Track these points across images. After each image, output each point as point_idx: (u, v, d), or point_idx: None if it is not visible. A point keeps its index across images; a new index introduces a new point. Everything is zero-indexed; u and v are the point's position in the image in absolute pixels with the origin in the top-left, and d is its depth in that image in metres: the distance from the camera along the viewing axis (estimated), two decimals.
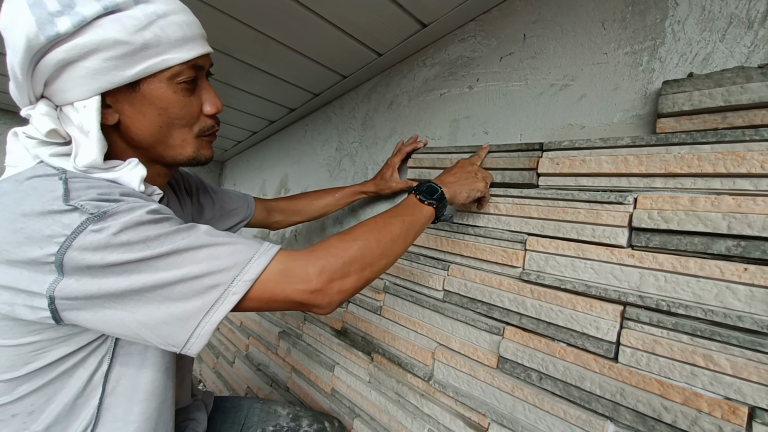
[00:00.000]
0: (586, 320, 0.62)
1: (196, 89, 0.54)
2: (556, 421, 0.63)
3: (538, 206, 0.71)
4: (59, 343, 0.47)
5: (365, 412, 0.97)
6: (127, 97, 0.49)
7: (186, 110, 0.53)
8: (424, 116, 1.04)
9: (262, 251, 0.47)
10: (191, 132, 0.56)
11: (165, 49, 0.48)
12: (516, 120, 0.83)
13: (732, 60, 0.55)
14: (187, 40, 0.50)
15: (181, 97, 0.52)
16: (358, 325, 1.05)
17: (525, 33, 0.82)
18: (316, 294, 0.49)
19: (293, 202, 1.05)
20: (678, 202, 0.55)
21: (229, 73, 1.27)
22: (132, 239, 0.42)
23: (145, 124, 0.52)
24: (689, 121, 0.56)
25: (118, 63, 0.45)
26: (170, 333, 0.44)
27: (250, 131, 1.84)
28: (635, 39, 0.66)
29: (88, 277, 0.41)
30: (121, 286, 0.42)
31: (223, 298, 0.44)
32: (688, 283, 0.54)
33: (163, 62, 0.48)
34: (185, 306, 0.43)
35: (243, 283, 0.45)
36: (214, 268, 0.44)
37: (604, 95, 0.69)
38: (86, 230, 0.40)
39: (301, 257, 0.49)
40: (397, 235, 0.59)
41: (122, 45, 0.45)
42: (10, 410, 0.48)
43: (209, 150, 0.59)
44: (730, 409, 0.48)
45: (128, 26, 0.45)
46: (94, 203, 0.42)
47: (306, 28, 0.99)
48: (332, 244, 0.52)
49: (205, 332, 0.44)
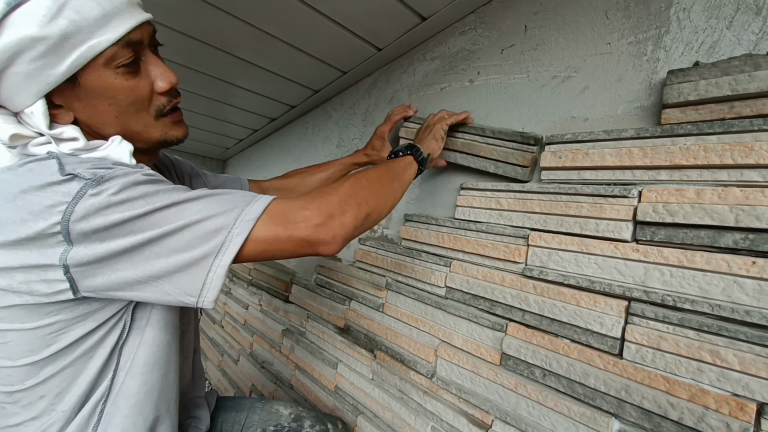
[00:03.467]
0: (590, 316, 0.61)
1: (140, 68, 0.51)
2: (560, 418, 0.63)
3: (540, 201, 0.70)
4: (77, 323, 0.48)
5: (369, 410, 0.97)
6: (72, 93, 0.47)
7: (135, 94, 0.50)
8: (424, 111, 1.02)
9: (259, 197, 0.49)
10: (150, 115, 0.53)
11: (88, 33, 0.44)
12: (518, 113, 0.81)
13: (739, 48, 0.54)
14: (110, 16, 0.45)
15: (124, 82, 0.48)
16: (360, 322, 1.05)
17: (526, 24, 0.81)
18: (319, 228, 0.49)
19: (287, 181, 1.03)
20: (684, 195, 0.54)
21: (229, 71, 1.27)
22: (131, 196, 0.43)
23: (101, 116, 0.50)
24: (695, 111, 0.55)
25: (44, 61, 0.43)
26: (184, 283, 0.45)
27: (252, 129, 1.84)
28: (639, 28, 0.64)
29: (96, 242, 0.42)
30: (128, 243, 0.43)
31: (228, 240, 0.45)
32: (695, 278, 0.53)
33: (91, 49, 0.45)
34: (192, 253, 0.44)
35: (245, 224, 0.46)
36: (214, 211, 0.45)
37: (607, 86, 0.68)
38: (86, 195, 0.41)
39: (296, 201, 0.51)
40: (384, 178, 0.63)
41: (41, 41, 0.42)
42: (37, 392, 0.49)
43: (178, 129, 0.57)
44: (737, 405, 0.47)
45: (39, 17, 0.41)
46: (90, 170, 0.43)
47: (305, 24, 0.98)
48: (323, 189, 0.55)
49: (217, 277, 0.45)
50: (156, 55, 0.53)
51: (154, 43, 0.54)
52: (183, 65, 1.21)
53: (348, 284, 1.12)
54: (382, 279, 1.00)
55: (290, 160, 1.66)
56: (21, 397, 0.49)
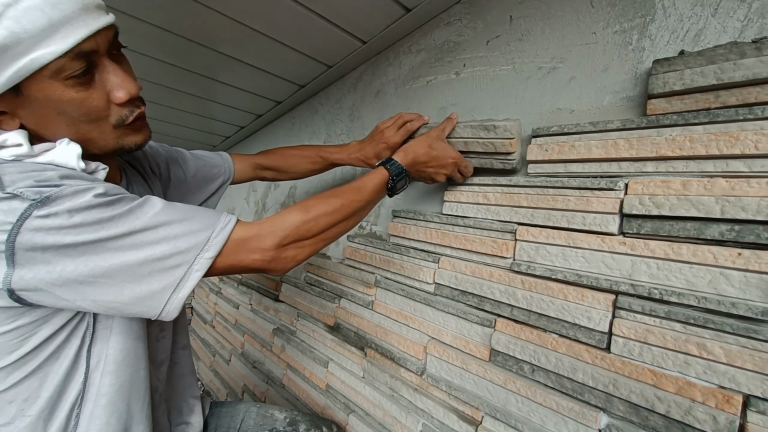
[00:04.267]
0: (578, 310, 0.60)
1: (95, 78, 0.46)
2: (548, 413, 0.62)
3: (527, 195, 0.69)
4: (40, 326, 0.47)
5: (360, 408, 0.96)
6: (16, 101, 0.44)
7: (87, 106, 0.46)
8: (411, 105, 1.01)
9: (219, 228, 0.49)
10: (107, 123, 0.49)
11: (30, 45, 0.40)
12: (504, 105, 0.80)
13: (725, 35, 0.53)
14: (57, 26, 0.40)
15: (75, 95, 0.44)
16: (350, 320, 1.04)
17: (511, 14, 0.79)
18: (272, 262, 0.52)
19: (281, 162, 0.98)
20: (670, 187, 0.53)
21: (213, 67, 1.23)
22: (85, 221, 0.41)
23: (50, 125, 0.46)
24: (681, 101, 0.54)
25: None
26: (142, 308, 0.46)
27: (238, 126, 1.81)
28: (624, 17, 0.63)
29: (42, 265, 0.40)
30: (78, 271, 0.41)
31: (187, 275, 0.46)
32: (681, 270, 0.52)
33: (33, 61, 0.40)
34: (150, 286, 0.45)
35: (204, 261, 0.47)
36: (174, 250, 0.45)
37: (593, 77, 0.66)
38: (32, 216, 0.39)
39: (256, 227, 0.52)
40: (355, 213, 0.62)
41: None
42: (6, 397, 0.48)
43: (138, 135, 0.53)
44: (724, 398, 0.47)
45: None
46: (33, 189, 0.40)
47: (288, 18, 0.95)
48: (291, 216, 0.54)
49: (178, 300, 0.46)
50: (115, 63, 0.48)
51: (116, 46, 0.49)
52: (165, 62, 1.18)
53: (337, 282, 1.11)
54: (371, 276, 0.99)
55: None
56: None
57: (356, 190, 0.63)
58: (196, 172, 0.83)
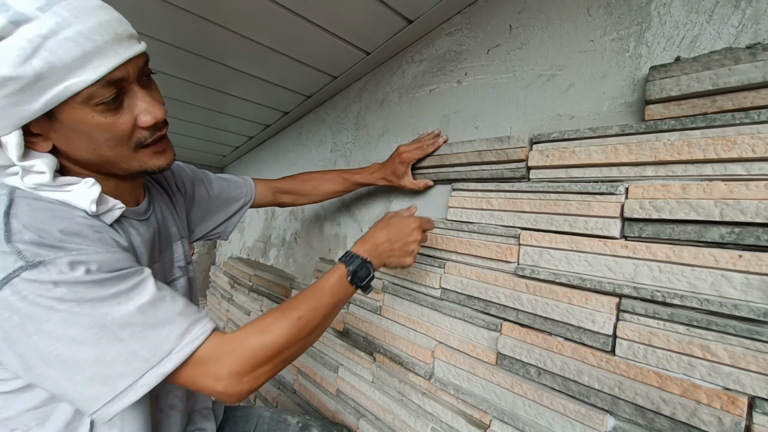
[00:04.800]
0: (582, 314, 0.61)
1: (123, 104, 0.49)
2: (556, 416, 0.63)
3: (530, 200, 0.70)
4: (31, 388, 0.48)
5: (370, 412, 0.98)
6: (49, 125, 0.46)
7: (113, 131, 0.48)
8: (415, 113, 1.03)
9: (186, 342, 0.46)
10: (129, 148, 0.51)
11: (64, 74, 0.42)
12: (506, 113, 0.81)
13: (720, 41, 0.54)
14: (90, 57, 0.43)
15: (103, 120, 0.47)
16: (359, 325, 1.05)
17: (511, 24, 0.81)
18: (223, 394, 0.49)
19: (300, 185, 1.02)
20: (669, 191, 0.54)
21: (223, 81, 1.28)
22: (65, 296, 0.41)
23: (77, 149, 0.49)
24: (678, 106, 0.55)
25: (18, 99, 0.42)
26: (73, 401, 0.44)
27: (247, 136, 1.85)
28: (621, 24, 0.64)
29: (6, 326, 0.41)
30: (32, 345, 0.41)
31: (130, 389, 0.44)
32: (683, 273, 0.53)
33: (67, 89, 0.43)
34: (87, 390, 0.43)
35: (156, 376, 0.45)
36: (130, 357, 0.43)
37: (592, 83, 0.68)
38: (19, 277, 0.40)
39: (218, 355, 0.48)
40: (317, 326, 0.57)
41: (14, 81, 0.40)
42: (8, 426, 0.49)
43: (160, 159, 0.55)
44: (729, 399, 0.47)
45: (12, 58, 0.40)
46: (33, 249, 0.41)
47: (294, 31, 0.98)
48: (250, 342, 0.50)
49: (109, 413, 0.44)
50: (144, 89, 0.51)
51: (146, 73, 0.52)
52: (176, 76, 1.22)
53: None
54: (379, 282, 1.00)
55: (286, 165, 1.67)
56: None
57: (313, 294, 0.58)
58: (219, 192, 0.87)
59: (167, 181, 0.76)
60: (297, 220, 1.56)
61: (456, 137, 0.91)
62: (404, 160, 0.91)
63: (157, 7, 0.52)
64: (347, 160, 1.28)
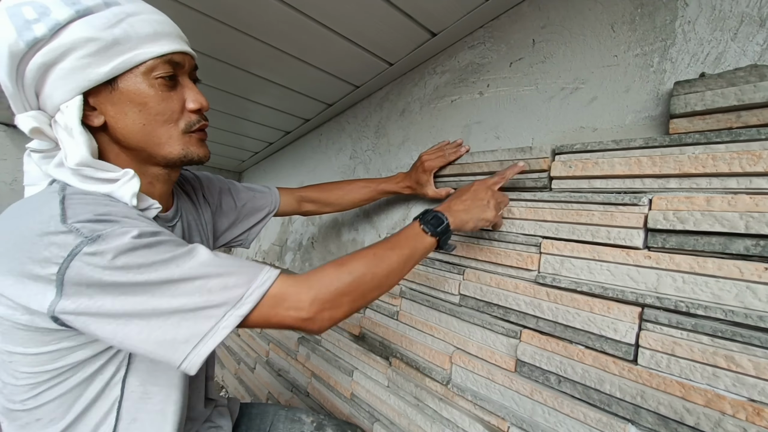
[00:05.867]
0: (604, 322, 0.62)
1: (176, 86, 0.55)
2: (576, 424, 0.63)
3: (551, 209, 0.71)
4: (78, 349, 0.50)
5: (385, 417, 0.98)
6: (108, 97, 0.51)
7: (165, 105, 0.53)
8: (436, 123, 1.06)
9: (255, 286, 0.48)
10: (176, 128, 0.56)
11: (136, 44, 0.49)
12: (527, 124, 0.83)
13: (745, 59, 0.55)
14: (158, 36, 0.51)
15: (158, 92, 0.53)
16: (375, 330, 1.07)
17: (534, 38, 0.83)
18: (308, 321, 0.51)
19: (325, 194, 1.04)
20: (694, 202, 0.55)
21: (247, 88, 1.32)
22: (127, 264, 0.43)
23: (128, 123, 0.52)
24: (702, 120, 0.56)
25: (91, 60, 0.48)
26: (164, 355, 0.46)
27: (267, 142, 1.90)
28: (645, 40, 0.66)
29: (84, 298, 0.43)
30: (114, 308, 0.44)
31: (213, 330, 0.46)
32: (707, 284, 0.53)
33: (135, 57, 0.50)
34: (176, 334, 0.45)
35: (235, 318, 0.47)
36: (206, 303, 0.46)
37: (615, 97, 0.69)
38: (81, 252, 0.42)
39: (295, 285, 0.51)
40: (394, 268, 0.59)
41: (93, 42, 0.47)
42: (35, 415, 0.51)
43: (201, 149, 0.59)
44: (754, 410, 0.47)
45: (98, 25, 0.47)
46: (89, 226, 0.44)
47: (319, 41, 1.02)
48: (327, 273, 0.53)
49: (200, 356, 0.46)
50: (192, 83, 0.58)
51: (194, 77, 0.60)
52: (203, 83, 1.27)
53: None
54: (397, 287, 1.02)
55: (304, 171, 1.71)
56: (21, 416, 0.52)
57: (388, 241, 0.62)
58: (246, 202, 0.91)
59: (195, 192, 0.79)
60: (314, 225, 1.59)
61: (477, 147, 0.93)
62: (426, 168, 0.93)
63: (185, 14, 0.59)
64: (366, 167, 1.31)
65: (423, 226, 0.64)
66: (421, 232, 0.64)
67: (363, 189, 1.04)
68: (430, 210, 0.67)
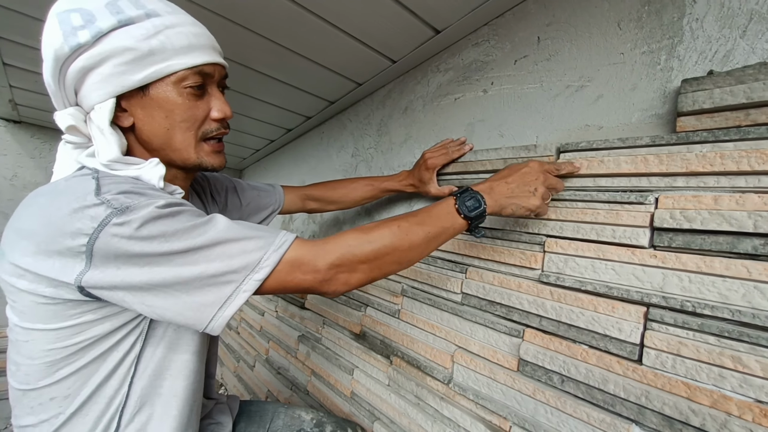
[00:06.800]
0: (608, 322, 0.61)
1: (204, 95, 0.58)
2: (579, 424, 0.63)
3: (555, 207, 0.71)
4: (97, 324, 0.52)
5: (385, 416, 0.98)
6: (139, 101, 0.54)
7: (190, 113, 0.56)
8: (439, 120, 1.05)
9: (272, 250, 0.50)
10: (195, 136, 0.58)
11: (170, 55, 0.52)
12: (532, 122, 0.83)
13: (754, 56, 0.55)
14: (192, 48, 0.54)
15: (186, 101, 0.55)
16: (376, 328, 1.06)
17: (539, 36, 0.82)
18: (323, 283, 0.53)
19: (329, 192, 1.05)
20: (701, 201, 0.55)
21: (247, 84, 1.31)
22: (151, 233, 0.45)
23: (154, 126, 0.55)
24: (710, 118, 0.56)
25: (127, 68, 0.50)
26: (190, 318, 0.48)
27: (268, 140, 1.89)
28: (652, 38, 0.65)
29: (112, 268, 0.45)
30: (141, 279, 0.46)
31: (235, 294, 0.49)
32: (714, 284, 0.53)
33: (168, 67, 0.52)
34: (201, 299, 0.48)
35: (254, 282, 0.49)
36: (226, 269, 0.48)
37: (621, 95, 0.69)
38: (110, 223, 0.44)
39: (313, 248, 0.52)
40: (418, 245, 0.57)
41: (131, 51, 0.50)
42: (49, 393, 0.52)
43: (216, 158, 0.61)
44: (761, 412, 0.47)
45: (137, 35, 0.50)
46: (119, 198, 0.46)
47: (321, 38, 1.01)
48: (348, 239, 0.54)
49: (224, 318, 0.49)
50: (220, 92, 0.60)
51: (224, 85, 0.63)
52: None
53: (364, 290, 1.14)
54: (398, 285, 1.01)
55: (305, 169, 1.70)
56: (34, 396, 0.52)
57: (419, 213, 0.60)
58: (251, 201, 0.93)
59: (203, 191, 0.81)
60: (315, 223, 1.58)
61: (480, 145, 0.92)
62: (429, 166, 0.93)
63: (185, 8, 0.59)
64: (368, 165, 1.30)
65: (458, 205, 0.61)
66: (454, 211, 0.61)
67: (366, 187, 1.04)
68: (469, 189, 0.63)
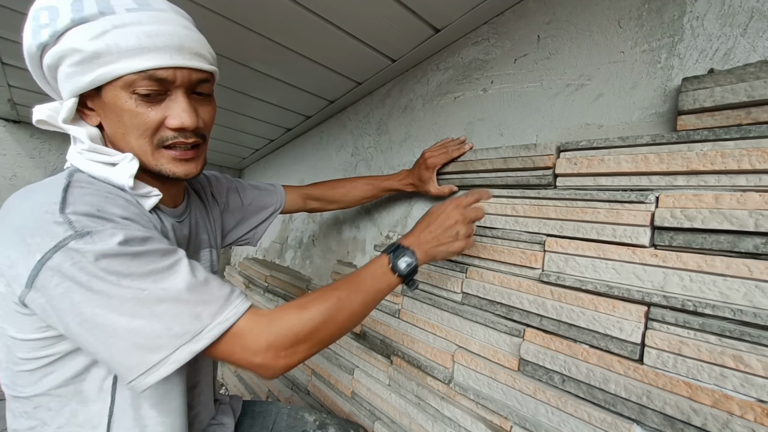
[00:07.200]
0: (609, 321, 0.61)
1: (161, 101, 0.52)
2: (580, 424, 0.62)
3: (556, 207, 0.71)
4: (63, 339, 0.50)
5: (385, 415, 0.98)
6: (97, 102, 0.52)
7: (139, 120, 0.51)
8: (438, 119, 1.05)
9: (218, 321, 0.48)
10: (150, 143, 0.53)
11: (116, 58, 0.48)
12: (532, 121, 0.82)
13: (755, 54, 0.54)
14: (144, 51, 0.48)
15: (134, 107, 0.50)
16: (376, 328, 1.06)
17: (539, 34, 0.82)
18: (260, 367, 0.50)
19: (329, 192, 1.05)
20: (702, 200, 0.54)
21: (246, 83, 1.31)
22: (106, 270, 0.43)
23: (113, 129, 0.53)
24: (711, 117, 0.56)
25: (76, 69, 0.48)
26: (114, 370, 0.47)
27: (268, 139, 1.88)
28: (653, 36, 0.65)
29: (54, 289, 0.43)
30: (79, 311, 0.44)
31: (162, 363, 0.45)
32: (715, 283, 0.53)
33: (113, 71, 0.48)
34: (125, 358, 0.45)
35: (187, 353, 0.46)
36: (164, 331, 0.45)
37: (621, 94, 0.68)
38: (66, 246, 0.42)
39: (256, 328, 0.50)
40: (356, 312, 0.58)
41: (78, 52, 0.47)
42: (34, 403, 0.52)
43: (178, 167, 0.56)
44: (763, 411, 0.47)
45: (85, 36, 0.47)
46: (82, 220, 0.44)
47: (320, 36, 1.01)
48: (288, 316, 0.52)
49: (144, 384, 0.45)
50: (188, 99, 0.54)
51: (205, 90, 0.57)
52: None
53: None
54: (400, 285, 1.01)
55: (305, 168, 1.70)
56: (23, 403, 0.52)
57: (354, 278, 0.60)
58: (252, 201, 0.92)
59: (204, 190, 0.80)
60: (315, 222, 1.58)
61: (480, 144, 0.92)
62: (429, 165, 0.93)
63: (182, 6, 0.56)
64: (368, 164, 1.30)
65: (392, 264, 0.62)
66: (389, 271, 0.62)
67: (366, 186, 1.04)
68: (399, 246, 0.64)
